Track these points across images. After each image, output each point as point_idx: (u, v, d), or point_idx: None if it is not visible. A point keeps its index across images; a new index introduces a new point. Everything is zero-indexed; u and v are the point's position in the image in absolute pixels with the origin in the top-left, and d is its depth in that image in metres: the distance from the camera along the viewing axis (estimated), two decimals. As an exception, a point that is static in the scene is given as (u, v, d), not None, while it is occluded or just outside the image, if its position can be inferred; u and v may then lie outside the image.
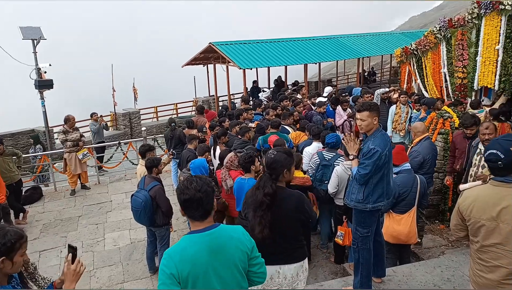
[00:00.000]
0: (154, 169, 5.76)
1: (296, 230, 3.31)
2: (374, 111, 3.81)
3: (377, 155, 3.68)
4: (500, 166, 2.56)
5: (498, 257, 2.58)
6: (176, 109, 21.73)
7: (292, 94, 12.20)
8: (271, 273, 3.26)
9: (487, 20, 8.30)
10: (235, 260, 2.39)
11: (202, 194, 2.34)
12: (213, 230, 2.39)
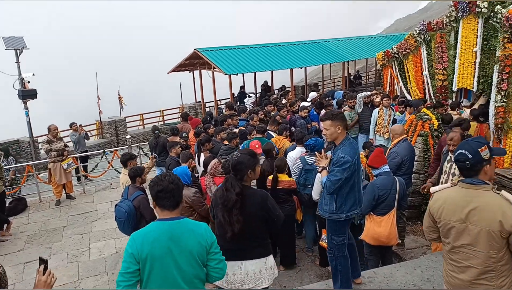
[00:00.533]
0: (137, 179, 5.73)
1: (258, 228, 3.44)
2: (337, 120, 3.83)
3: (347, 164, 3.72)
4: (468, 166, 2.63)
5: (469, 257, 2.63)
6: (163, 116, 21.69)
7: (276, 99, 12.28)
8: (234, 268, 3.43)
9: (465, 23, 8.47)
10: (193, 251, 2.63)
11: (174, 185, 2.67)
12: (177, 221, 2.67)
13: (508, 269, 2.61)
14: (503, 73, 7.48)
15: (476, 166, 2.61)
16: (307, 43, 20.95)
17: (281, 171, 5.76)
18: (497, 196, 2.56)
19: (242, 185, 3.38)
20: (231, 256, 3.32)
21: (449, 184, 2.83)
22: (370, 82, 26.12)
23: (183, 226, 2.66)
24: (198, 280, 2.72)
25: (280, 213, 3.61)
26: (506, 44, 7.36)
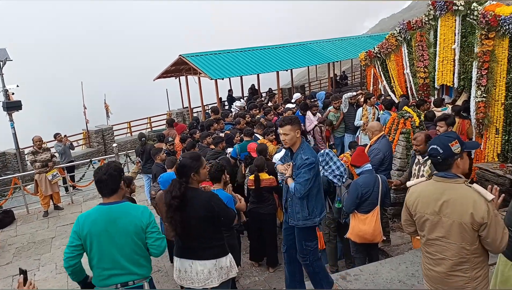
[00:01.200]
0: (126, 189, 5.74)
1: (204, 229, 3.48)
2: (295, 124, 3.93)
3: (312, 164, 3.84)
4: (439, 161, 2.70)
5: (443, 249, 2.70)
6: (150, 123, 21.62)
7: (262, 102, 12.34)
8: (185, 266, 3.55)
9: (443, 21, 8.61)
10: (130, 231, 3.13)
11: (107, 176, 3.13)
12: (117, 205, 3.18)
13: (482, 261, 2.68)
14: (482, 69, 7.61)
15: (448, 160, 2.68)
16: (292, 46, 21.09)
17: (261, 170, 5.89)
18: (469, 189, 2.63)
19: (187, 188, 3.44)
20: (183, 254, 3.56)
21: (424, 178, 2.90)
22: (356, 82, 26.36)
23: (121, 209, 3.16)
24: (138, 256, 3.23)
25: (229, 211, 3.66)
26: (484, 40, 7.50)
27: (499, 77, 7.45)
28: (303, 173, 3.84)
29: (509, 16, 6.95)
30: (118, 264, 3.16)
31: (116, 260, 3.14)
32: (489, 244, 2.59)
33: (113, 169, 3.16)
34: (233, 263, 3.73)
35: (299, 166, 3.90)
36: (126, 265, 3.17)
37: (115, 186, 3.17)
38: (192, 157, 3.58)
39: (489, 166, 7.16)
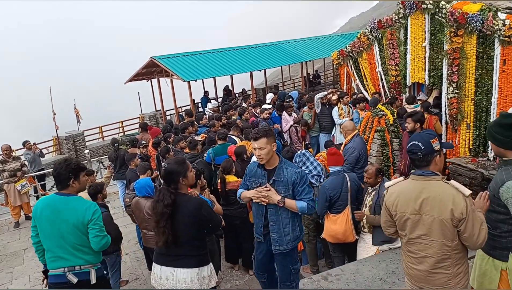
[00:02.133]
0: (99, 195, 5.59)
1: (191, 236, 3.41)
2: (271, 136, 3.59)
3: (307, 177, 3.67)
4: (420, 156, 2.70)
5: (425, 247, 2.71)
6: (122, 127, 21.20)
7: (236, 103, 12.27)
8: (167, 274, 3.47)
9: (412, 19, 8.75)
10: (71, 223, 3.43)
11: (56, 173, 3.49)
12: (65, 197, 3.51)
13: (462, 257, 2.70)
14: (453, 66, 7.77)
15: (428, 156, 2.69)
16: (265, 46, 21.10)
17: (228, 172, 5.82)
18: (446, 185, 2.65)
19: (177, 194, 3.37)
20: (165, 261, 3.50)
21: (402, 177, 2.90)
22: (329, 80, 26.61)
23: (68, 202, 3.48)
24: (82, 246, 3.52)
25: (216, 219, 3.60)
26: (453, 38, 7.65)
27: (468, 74, 7.62)
28: (307, 188, 3.56)
29: (476, 13, 7.11)
30: (64, 249, 3.47)
31: (62, 245, 3.47)
32: (466, 240, 2.61)
33: (65, 166, 3.48)
34: (213, 273, 3.69)
35: (294, 182, 3.59)
36: (71, 250, 3.48)
37: (65, 181, 3.49)
38: (177, 162, 3.50)
39: (462, 160, 7.31)
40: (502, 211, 2.72)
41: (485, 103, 7.44)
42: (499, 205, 2.73)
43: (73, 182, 3.51)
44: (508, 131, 2.68)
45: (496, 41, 6.97)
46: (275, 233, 3.72)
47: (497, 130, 2.73)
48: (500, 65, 7.02)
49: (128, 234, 8.07)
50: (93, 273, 3.58)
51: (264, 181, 3.68)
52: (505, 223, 2.71)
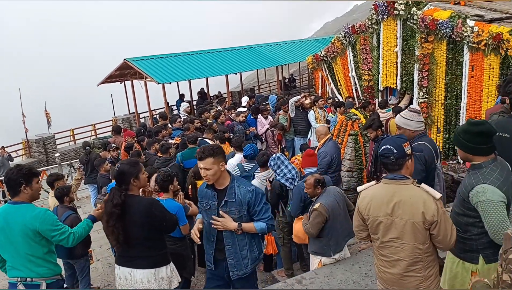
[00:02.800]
0: (65, 198, 5.45)
1: (145, 236, 3.41)
2: (218, 155, 3.23)
3: (263, 194, 3.40)
4: (393, 160, 2.71)
5: (397, 251, 2.73)
6: (95, 130, 20.77)
7: (211, 106, 12.20)
8: (125, 274, 3.47)
9: (385, 25, 8.93)
10: (20, 232, 3.31)
11: (7, 179, 3.38)
12: (17, 205, 3.39)
13: (433, 259, 2.74)
14: (423, 71, 7.96)
15: (400, 160, 2.71)
16: (241, 49, 21.10)
17: (199, 177, 5.74)
18: (418, 189, 2.68)
19: (127, 195, 3.36)
20: (123, 262, 3.50)
21: (373, 182, 2.92)
22: (304, 84, 26.81)
23: (18, 210, 3.36)
24: (34, 256, 3.40)
25: (171, 217, 3.59)
26: (423, 44, 7.84)
27: (438, 79, 7.82)
28: (264, 206, 3.33)
29: (446, 20, 7.31)
30: (16, 260, 3.40)
31: (15, 255, 3.39)
32: (440, 241, 2.64)
33: (16, 173, 3.36)
34: (174, 273, 3.67)
35: (249, 202, 3.30)
36: (23, 261, 3.39)
37: (16, 188, 3.36)
38: (131, 162, 3.52)
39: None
40: (471, 215, 2.77)
41: (454, 107, 7.65)
42: (469, 208, 2.77)
43: (24, 188, 3.37)
44: (476, 138, 2.74)
45: (465, 47, 7.18)
46: (232, 257, 3.40)
47: (465, 137, 2.78)
48: (469, 71, 7.23)
49: (100, 240, 7.88)
50: (43, 286, 3.47)
51: (214, 202, 3.37)
52: (475, 226, 2.76)
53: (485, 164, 2.74)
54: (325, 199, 4.46)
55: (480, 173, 2.73)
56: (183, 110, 11.67)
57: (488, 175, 2.70)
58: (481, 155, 2.76)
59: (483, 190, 2.65)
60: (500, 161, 2.80)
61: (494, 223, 2.60)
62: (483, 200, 2.64)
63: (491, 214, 2.61)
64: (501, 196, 2.62)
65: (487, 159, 2.75)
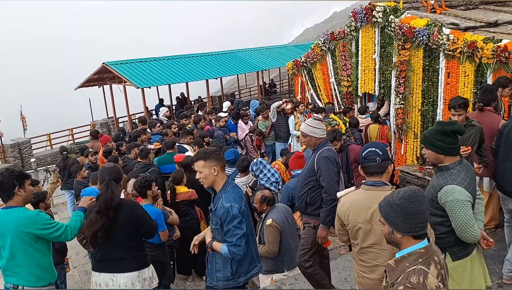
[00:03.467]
0: (40, 204, 5.34)
1: (129, 237, 3.45)
2: (211, 159, 3.15)
3: (238, 213, 3.10)
4: (378, 162, 2.75)
5: (376, 257, 2.76)
6: (72, 135, 20.42)
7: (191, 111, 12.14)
8: (106, 280, 3.43)
9: (363, 32, 9.04)
10: (18, 233, 3.26)
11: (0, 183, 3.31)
12: (8, 209, 3.33)
13: None
14: (400, 78, 8.09)
15: (385, 163, 2.76)
16: (221, 54, 21.12)
17: (178, 182, 5.73)
18: None
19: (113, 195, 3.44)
20: (104, 268, 3.49)
21: (353, 188, 2.95)
22: (284, 90, 26.97)
23: (9, 214, 3.30)
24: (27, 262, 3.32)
25: (152, 221, 3.64)
26: (401, 50, 7.97)
27: (415, 85, 7.96)
28: (233, 229, 3.08)
29: (422, 28, 7.45)
30: (10, 266, 3.35)
31: (8, 261, 3.34)
32: None
33: (6, 176, 3.31)
34: (154, 274, 3.71)
35: (221, 218, 3.12)
36: (15, 269, 3.33)
37: (8, 192, 3.33)
38: (110, 167, 3.66)
39: (410, 168, 7.58)
40: (439, 214, 2.84)
41: (431, 113, 7.79)
42: (436, 208, 2.85)
43: (18, 190, 3.34)
44: (449, 138, 2.81)
45: (441, 54, 7.33)
46: (210, 264, 3.38)
47: (438, 137, 2.84)
48: (445, 78, 7.38)
49: (77, 247, 7.68)
50: None
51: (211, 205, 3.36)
52: (442, 225, 2.84)
53: (452, 165, 2.82)
54: (276, 215, 4.44)
55: (448, 174, 2.81)
56: (163, 115, 11.58)
57: (455, 176, 2.78)
58: (452, 155, 2.84)
59: (451, 190, 2.73)
60: (465, 163, 2.89)
61: (461, 221, 2.70)
62: (451, 200, 2.72)
63: (458, 213, 2.70)
64: (468, 196, 2.72)
65: (454, 161, 2.84)
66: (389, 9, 8.35)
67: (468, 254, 2.86)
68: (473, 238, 2.72)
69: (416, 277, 2.02)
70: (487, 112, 4.93)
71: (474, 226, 2.70)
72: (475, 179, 2.96)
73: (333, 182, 3.97)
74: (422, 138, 3.01)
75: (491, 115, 4.90)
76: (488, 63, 6.46)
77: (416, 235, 2.15)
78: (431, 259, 2.13)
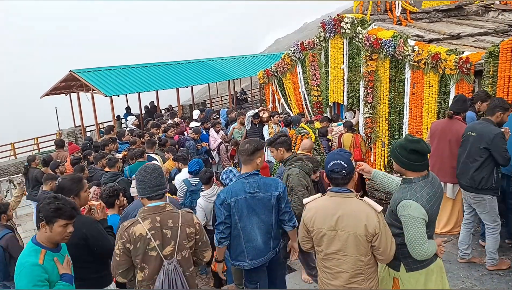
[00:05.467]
0: (2, 216, 5.12)
1: (77, 257, 3.17)
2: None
3: (218, 205, 3.48)
4: (344, 175, 2.77)
5: (340, 263, 2.78)
6: (37, 144, 19.79)
7: (161, 120, 12.00)
8: None
9: (332, 42, 9.23)
10: None
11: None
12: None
13: (374, 271, 2.83)
14: (368, 88, 8.28)
15: (350, 174, 2.80)
16: (192, 62, 21.03)
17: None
18: (360, 202, 2.76)
19: None
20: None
21: (319, 194, 2.97)
22: (256, 99, 27.08)
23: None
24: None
25: (104, 242, 3.35)
26: (368, 61, 8.17)
27: (382, 95, 8.15)
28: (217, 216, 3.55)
29: (389, 39, 7.66)
30: None
31: None
32: (381, 254, 2.73)
33: None
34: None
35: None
36: None
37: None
38: (72, 179, 3.36)
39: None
40: (397, 225, 2.89)
41: (397, 123, 7.99)
42: (395, 219, 2.90)
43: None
44: (410, 155, 2.87)
45: (407, 65, 7.55)
46: None
47: (400, 152, 2.90)
48: (410, 88, 7.60)
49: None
50: None
51: None
52: (399, 236, 2.88)
53: (415, 180, 2.87)
54: None
55: (409, 188, 2.86)
56: (132, 124, 11.39)
57: (415, 191, 2.82)
58: (414, 171, 2.89)
59: (407, 205, 2.77)
60: (432, 179, 2.92)
61: (412, 238, 2.73)
62: (405, 214, 2.77)
63: (410, 229, 2.75)
64: (422, 213, 2.74)
65: (418, 176, 2.88)
66: (356, 21, 8.55)
67: (423, 267, 2.87)
68: (420, 255, 2.74)
69: (128, 222, 2.86)
70: (455, 120, 5.09)
71: (423, 244, 2.71)
72: (441, 192, 3.00)
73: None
74: (391, 148, 3.07)
75: (459, 123, 5.07)
76: (451, 74, 6.69)
77: (150, 197, 2.94)
78: (152, 217, 2.85)
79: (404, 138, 2.95)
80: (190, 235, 2.94)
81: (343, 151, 2.95)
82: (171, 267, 2.85)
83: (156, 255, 2.83)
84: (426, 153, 2.88)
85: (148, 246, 2.80)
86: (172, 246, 2.86)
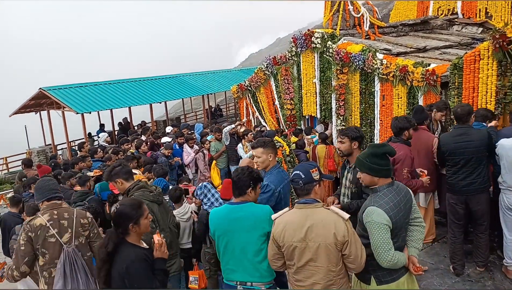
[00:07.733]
0: None
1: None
2: (268, 147, 3.94)
3: (270, 191, 3.73)
4: (301, 185, 2.82)
5: (312, 274, 2.77)
6: (7, 164, 19.21)
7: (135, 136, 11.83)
8: None
9: (304, 57, 9.36)
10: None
11: None
12: None
13: (345, 282, 2.83)
14: (340, 101, 8.41)
15: (308, 185, 2.82)
16: (165, 78, 20.95)
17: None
18: (328, 211, 2.79)
19: (122, 241, 2.91)
20: None
21: (287, 208, 2.97)
22: (231, 113, 27.12)
23: None
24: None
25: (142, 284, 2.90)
26: (339, 75, 8.32)
27: (354, 108, 8.30)
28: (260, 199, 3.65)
29: (358, 53, 7.83)
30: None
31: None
32: (352, 262, 2.74)
33: None
34: None
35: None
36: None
37: None
38: (133, 203, 2.98)
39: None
40: (366, 235, 2.88)
41: (369, 134, 8.12)
42: (364, 229, 2.90)
43: None
44: (383, 160, 2.90)
45: (376, 78, 7.72)
46: None
47: (372, 160, 2.90)
48: (380, 100, 7.76)
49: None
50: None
51: None
52: (368, 247, 2.85)
53: (380, 188, 2.89)
54: None
55: (374, 196, 2.88)
56: (103, 140, 11.18)
57: (379, 198, 2.84)
58: (386, 177, 2.91)
59: (371, 212, 2.80)
60: (397, 187, 2.94)
61: (376, 243, 2.74)
62: (369, 221, 2.79)
63: (374, 235, 2.76)
64: (386, 219, 2.74)
65: (386, 183, 2.90)
66: (326, 36, 8.72)
67: (393, 280, 2.87)
68: (386, 262, 2.72)
69: (30, 217, 3.57)
70: (422, 131, 5.20)
71: (389, 250, 2.71)
72: (409, 202, 2.96)
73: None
74: (356, 162, 3.04)
75: (426, 133, 5.19)
76: (419, 86, 6.86)
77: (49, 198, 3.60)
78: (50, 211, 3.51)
79: (370, 147, 2.97)
80: (84, 225, 3.61)
81: (308, 163, 3.00)
82: (70, 249, 3.47)
83: (55, 241, 3.44)
84: (393, 155, 2.97)
85: (47, 233, 3.42)
86: (70, 233, 3.50)
